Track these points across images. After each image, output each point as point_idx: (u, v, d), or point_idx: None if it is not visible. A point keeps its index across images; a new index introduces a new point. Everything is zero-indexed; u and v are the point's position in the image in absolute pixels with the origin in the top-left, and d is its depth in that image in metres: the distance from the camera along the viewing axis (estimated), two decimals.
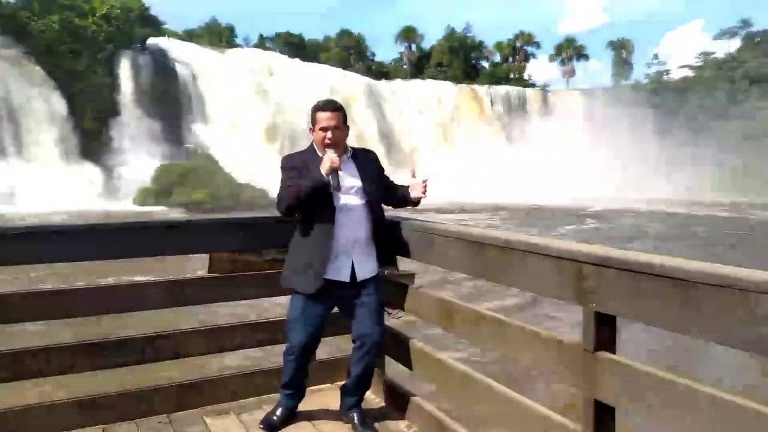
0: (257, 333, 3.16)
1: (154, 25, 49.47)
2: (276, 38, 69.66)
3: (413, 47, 75.91)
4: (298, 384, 2.92)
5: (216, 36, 63.07)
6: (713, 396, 1.50)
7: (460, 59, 72.46)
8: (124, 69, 42.20)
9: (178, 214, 30.85)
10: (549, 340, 2.05)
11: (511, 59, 77.75)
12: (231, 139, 45.10)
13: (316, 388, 3.22)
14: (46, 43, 38.52)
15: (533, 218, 32.24)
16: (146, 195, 36.13)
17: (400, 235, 2.93)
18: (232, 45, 59.24)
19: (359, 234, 2.81)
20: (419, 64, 73.69)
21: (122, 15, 42.83)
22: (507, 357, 2.29)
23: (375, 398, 3.15)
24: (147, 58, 43.98)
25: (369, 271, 2.86)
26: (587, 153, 56.36)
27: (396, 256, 3.10)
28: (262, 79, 49.48)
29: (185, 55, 47.16)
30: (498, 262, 2.28)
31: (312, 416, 2.95)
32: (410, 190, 2.96)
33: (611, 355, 1.82)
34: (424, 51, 75.70)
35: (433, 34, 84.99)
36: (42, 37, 38.49)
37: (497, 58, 78.16)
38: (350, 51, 71.28)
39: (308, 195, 2.69)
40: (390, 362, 3.17)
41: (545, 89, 70.92)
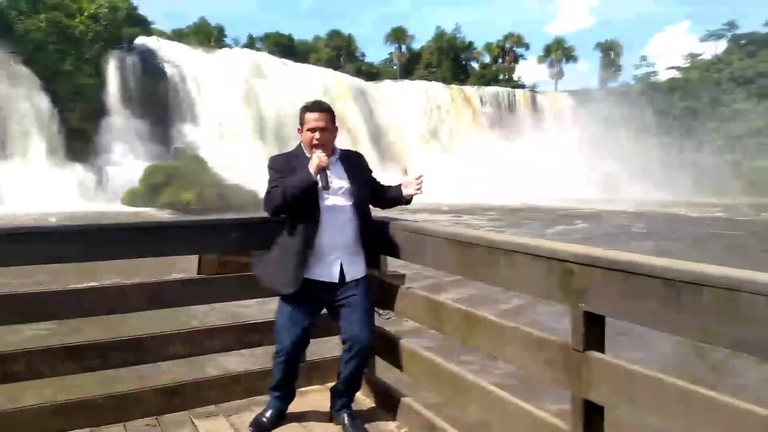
0: (246, 335, 3.14)
1: (142, 25, 49.06)
2: (265, 38, 69.47)
3: (403, 48, 76.00)
4: (288, 386, 2.91)
5: (205, 36, 62.78)
6: (703, 395, 1.51)
7: (450, 60, 72.64)
8: (112, 69, 41.87)
9: (166, 215, 30.66)
10: (539, 340, 2.05)
11: (501, 60, 78.03)
12: (220, 140, 44.88)
13: (306, 390, 3.21)
14: (33, 43, 38.16)
15: (522, 218, 32.36)
16: (134, 196, 35.87)
17: (390, 236, 2.92)
18: (222, 45, 58.99)
19: (347, 235, 2.81)
20: (409, 65, 73.78)
21: (110, 14, 42.48)
22: (497, 357, 2.30)
23: (365, 399, 3.14)
24: (135, 58, 43.66)
25: (357, 272, 2.86)
26: (575, 154, 56.70)
27: (385, 257, 3.10)
28: (252, 80, 49.29)
29: (174, 55, 46.88)
30: (487, 262, 2.29)
31: (302, 417, 2.94)
32: (403, 188, 2.96)
33: (600, 355, 1.83)
34: (414, 52, 75.80)
35: (423, 35, 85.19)
36: (29, 37, 38.13)
37: (487, 59, 78.45)
38: (340, 51, 71.22)
39: (296, 194, 2.67)
40: (380, 363, 3.17)
41: (534, 90, 71.25)
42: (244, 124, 46.71)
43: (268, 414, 2.86)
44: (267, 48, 64.08)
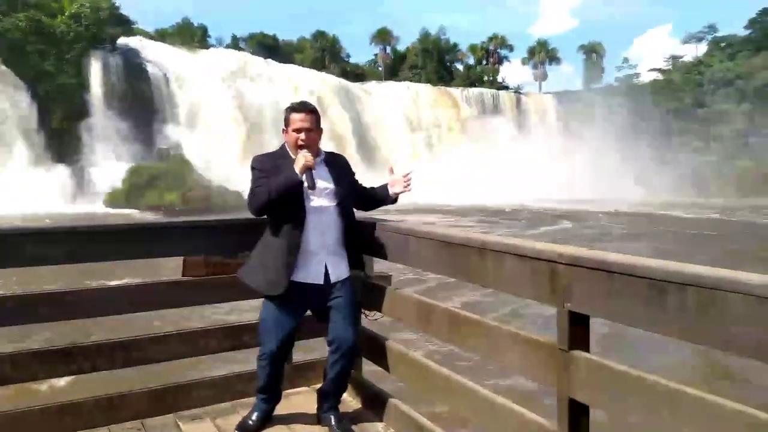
0: (231, 337, 3.13)
1: (125, 25, 48.60)
2: (249, 39, 69.06)
3: (388, 49, 76.05)
4: (274, 388, 2.90)
5: (188, 36, 62.30)
6: (688, 394, 1.53)
7: (435, 62, 72.79)
8: (94, 69, 41.42)
9: (150, 217, 30.39)
10: (525, 340, 2.07)
11: (485, 62, 78.37)
12: (204, 141, 44.56)
13: (293, 391, 3.20)
14: (13, 43, 37.61)
15: (507, 219, 32.54)
16: (116, 197, 35.50)
17: (376, 237, 2.93)
18: (205, 45, 58.58)
19: (331, 236, 2.81)
20: (394, 66, 73.84)
21: (92, 14, 42.00)
22: (484, 357, 2.31)
23: (352, 400, 3.14)
24: (117, 58, 43.23)
25: (342, 273, 2.86)
26: (560, 155, 57.14)
27: (371, 258, 3.10)
28: (236, 80, 49.02)
29: (157, 56, 46.48)
30: (474, 263, 2.30)
31: (288, 419, 2.93)
32: (390, 187, 2.96)
33: (585, 354, 1.85)
34: (399, 53, 75.87)
35: (408, 37, 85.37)
36: (8, 37, 37.58)
37: (471, 61, 78.75)
38: (325, 52, 71.07)
39: (281, 194, 2.66)
40: (366, 364, 3.17)
41: (518, 92, 71.67)
42: (229, 125, 46.44)
43: (254, 417, 2.85)
44: (251, 48, 63.76)
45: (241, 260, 3.02)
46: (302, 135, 2.78)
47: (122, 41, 45.70)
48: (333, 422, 2.83)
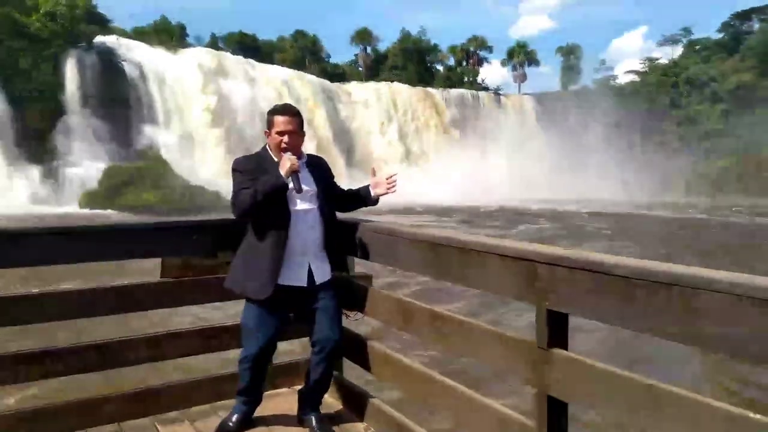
0: (211, 338, 3.10)
1: (101, 23, 47.86)
2: (228, 38, 68.54)
3: (368, 49, 76.04)
4: (255, 390, 2.88)
5: (166, 35, 61.59)
6: (665, 391, 1.56)
7: (415, 62, 72.94)
8: (70, 68, 40.72)
9: (127, 218, 29.99)
10: (504, 338, 2.09)
11: (465, 63, 78.78)
12: (182, 141, 44.11)
13: (273, 393, 3.18)
14: None
15: (486, 219, 32.73)
16: (92, 198, 34.95)
17: (358, 237, 2.93)
18: (184, 44, 57.97)
19: (315, 238, 2.80)
20: (374, 67, 73.84)
21: (67, 12, 41.29)
22: (465, 355, 2.32)
23: (333, 401, 3.14)
24: (94, 57, 42.54)
25: (325, 275, 2.86)
26: (538, 156, 57.68)
27: (353, 258, 3.10)
28: (215, 80, 48.59)
29: (134, 54, 45.84)
30: (456, 263, 2.31)
31: (269, 421, 2.91)
32: (372, 188, 2.96)
33: (564, 352, 1.87)
34: (379, 53, 75.91)
35: (388, 37, 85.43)
36: None
37: (451, 62, 79.10)
38: (305, 52, 70.81)
39: (267, 197, 2.64)
40: (348, 364, 3.17)
41: (498, 93, 72.16)
42: (208, 125, 46.02)
43: (234, 418, 2.83)
44: (230, 47, 63.27)
45: (221, 261, 2.99)
46: (286, 138, 2.77)
47: (99, 40, 44.99)
48: (314, 423, 2.82)
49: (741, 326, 1.37)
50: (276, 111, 2.85)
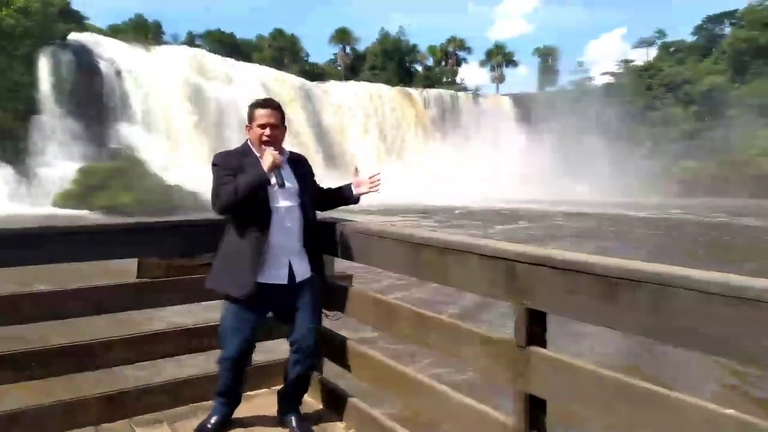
0: (189, 339, 3.07)
1: (76, 20, 47.11)
2: (206, 36, 67.93)
3: (347, 49, 75.94)
4: (234, 391, 2.86)
5: (142, 33, 60.81)
6: (643, 389, 1.58)
7: (395, 62, 73.06)
8: (44, 66, 39.96)
9: (102, 218, 29.53)
10: (484, 337, 2.10)
11: (444, 64, 79.14)
12: (159, 140, 43.58)
13: (253, 394, 3.16)
14: None
15: (465, 219, 32.91)
16: (66, 198, 34.34)
17: (339, 237, 2.92)
18: (160, 42, 57.28)
19: (295, 236, 2.79)
20: (354, 66, 73.79)
21: (41, 8, 40.52)
22: (444, 354, 2.33)
23: (312, 401, 3.13)
24: (69, 55, 41.81)
25: (305, 273, 2.84)
26: (516, 156, 58.18)
27: (332, 258, 3.09)
28: (192, 78, 48.09)
29: (110, 52, 45.16)
30: (436, 263, 2.32)
31: (248, 422, 2.89)
32: (354, 187, 2.96)
33: (542, 350, 1.89)
34: (359, 53, 75.87)
35: (367, 37, 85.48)
36: None
37: (430, 62, 79.39)
38: (284, 51, 70.45)
39: (249, 192, 2.62)
40: (328, 364, 3.16)
41: (477, 94, 72.59)
42: (185, 124, 45.52)
43: (213, 420, 2.80)
44: (208, 46, 62.70)
45: (199, 261, 2.97)
46: (267, 131, 2.75)
47: (74, 37, 44.23)
48: (294, 423, 2.81)
49: (715, 324, 1.40)
50: (257, 104, 2.83)
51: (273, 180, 2.67)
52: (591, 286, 1.68)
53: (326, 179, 3.05)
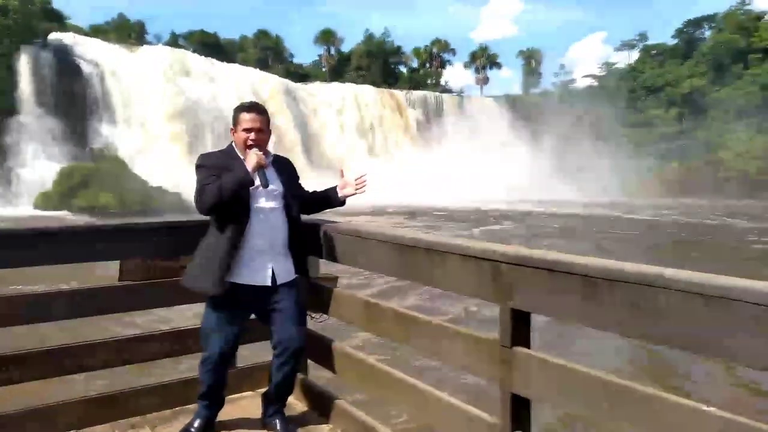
0: (171, 342, 3.04)
1: (57, 20, 46.54)
2: (189, 36, 67.46)
3: (332, 50, 75.87)
4: (217, 393, 2.83)
5: (125, 33, 60.21)
6: (626, 387, 1.60)
7: (379, 64, 73.16)
8: (24, 65, 39.48)
9: (83, 220, 29.17)
10: (468, 337, 2.10)
11: (429, 65, 79.40)
12: (141, 141, 43.22)
13: (237, 396, 3.14)
14: None
15: (449, 220, 33.02)
16: (47, 199, 33.92)
17: (323, 239, 2.92)
18: (143, 42, 56.76)
19: (278, 238, 2.78)
20: (338, 67, 73.73)
21: (21, 7, 39.97)
22: (430, 354, 2.34)
23: (297, 403, 3.11)
24: (49, 54, 41.33)
25: (288, 275, 2.83)
26: (499, 158, 58.49)
27: (317, 259, 3.08)
28: (175, 79, 47.72)
29: (91, 52, 44.71)
30: (422, 264, 2.32)
31: (232, 425, 2.87)
32: (340, 189, 2.95)
33: (527, 350, 1.90)
34: (343, 54, 75.82)
35: (352, 38, 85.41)
36: None
37: (415, 64, 79.61)
38: (268, 52, 70.20)
39: (232, 192, 2.61)
40: (313, 366, 3.15)
41: (461, 95, 72.92)
42: (167, 125, 45.16)
43: (197, 424, 2.77)
44: (191, 46, 62.28)
45: (182, 263, 2.94)
46: (252, 135, 2.75)
47: (54, 37, 43.72)
48: (279, 427, 2.79)
49: (695, 323, 1.42)
50: (242, 108, 2.82)
51: (257, 181, 2.66)
52: (574, 286, 1.70)
53: (310, 181, 3.05)
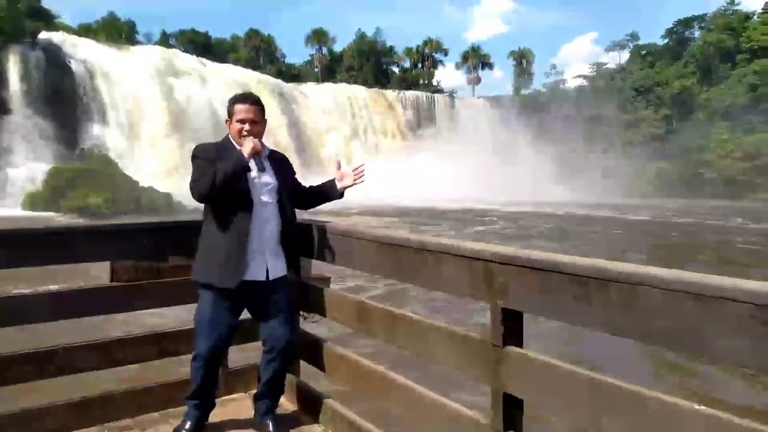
0: (163, 344, 3.02)
1: (46, 19, 46.19)
2: (180, 36, 67.18)
3: (324, 50, 75.78)
4: (207, 393, 2.80)
5: (115, 32, 59.84)
6: (616, 386, 1.60)
7: (371, 64, 73.17)
8: (13, 64, 39.17)
9: (73, 220, 28.94)
10: (460, 337, 2.10)
11: (420, 66, 79.48)
12: (131, 141, 42.98)
13: (228, 398, 3.12)
14: None
15: (441, 220, 33.06)
16: (36, 199, 33.62)
17: (315, 238, 2.91)
18: (133, 42, 56.45)
19: (271, 233, 2.77)
20: (330, 67, 73.65)
21: (9, 6, 39.64)
22: (421, 354, 2.34)
23: (289, 404, 3.10)
24: (39, 54, 41.01)
25: (280, 271, 2.82)
26: (490, 158, 58.66)
27: (309, 260, 3.07)
28: (166, 78, 47.49)
29: (81, 52, 44.41)
30: (413, 264, 2.32)
31: (224, 427, 2.85)
32: (338, 181, 2.94)
33: (518, 350, 1.91)
34: (335, 54, 75.75)
35: (342, 38, 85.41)
36: None
37: (407, 64, 79.67)
38: (259, 51, 70.02)
39: (228, 178, 2.59)
40: (305, 366, 3.14)
41: (453, 95, 73.05)
42: (158, 125, 44.93)
43: (187, 426, 2.74)
44: (182, 45, 62.02)
45: (173, 264, 2.92)
46: (246, 125, 2.74)
47: (44, 36, 43.38)
48: (270, 427, 2.78)
49: (684, 322, 1.42)
50: (237, 99, 2.82)
51: (253, 166, 2.65)
52: (564, 286, 1.70)
53: (301, 181, 3.03)
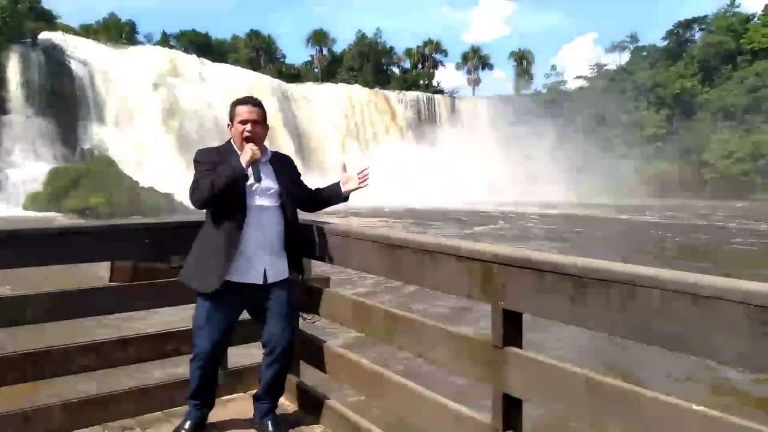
0: (162, 344, 3.02)
1: (47, 19, 46.19)
2: (181, 36, 67.17)
3: (324, 50, 75.78)
4: (207, 393, 2.81)
5: (115, 32, 59.85)
6: (615, 387, 1.60)
7: (371, 64, 73.16)
8: (13, 65, 39.18)
9: (74, 220, 28.96)
10: (460, 338, 2.11)
11: (421, 66, 79.45)
12: (132, 141, 42.96)
13: (228, 398, 3.13)
14: None
15: (441, 220, 33.05)
16: (37, 200, 33.63)
17: (316, 239, 2.91)
18: (134, 42, 56.47)
19: (272, 236, 2.77)
20: (330, 68, 73.66)
21: (9, 6, 39.66)
22: (420, 355, 2.34)
23: (289, 404, 3.10)
24: (39, 54, 41.03)
25: (280, 274, 2.82)
26: (491, 158, 58.67)
27: (310, 260, 3.08)
28: (166, 79, 47.50)
29: (81, 52, 44.44)
30: (412, 264, 2.32)
31: (224, 427, 2.85)
32: (343, 184, 2.95)
33: (518, 350, 1.91)
34: (335, 55, 75.77)
35: (343, 39, 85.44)
36: None
37: (407, 65, 79.67)
38: (259, 52, 70.04)
39: (226, 185, 2.60)
40: (304, 367, 3.14)
41: (453, 96, 73.04)
42: (158, 125, 44.95)
43: (187, 425, 2.75)
44: (182, 46, 62.04)
45: (173, 264, 2.92)
46: (248, 126, 2.75)
47: (44, 36, 43.39)
48: (270, 427, 2.78)
49: (683, 323, 1.42)
50: (238, 102, 2.83)
51: (250, 174, 2.65)
52: (563, 286, 1.70)
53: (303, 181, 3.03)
